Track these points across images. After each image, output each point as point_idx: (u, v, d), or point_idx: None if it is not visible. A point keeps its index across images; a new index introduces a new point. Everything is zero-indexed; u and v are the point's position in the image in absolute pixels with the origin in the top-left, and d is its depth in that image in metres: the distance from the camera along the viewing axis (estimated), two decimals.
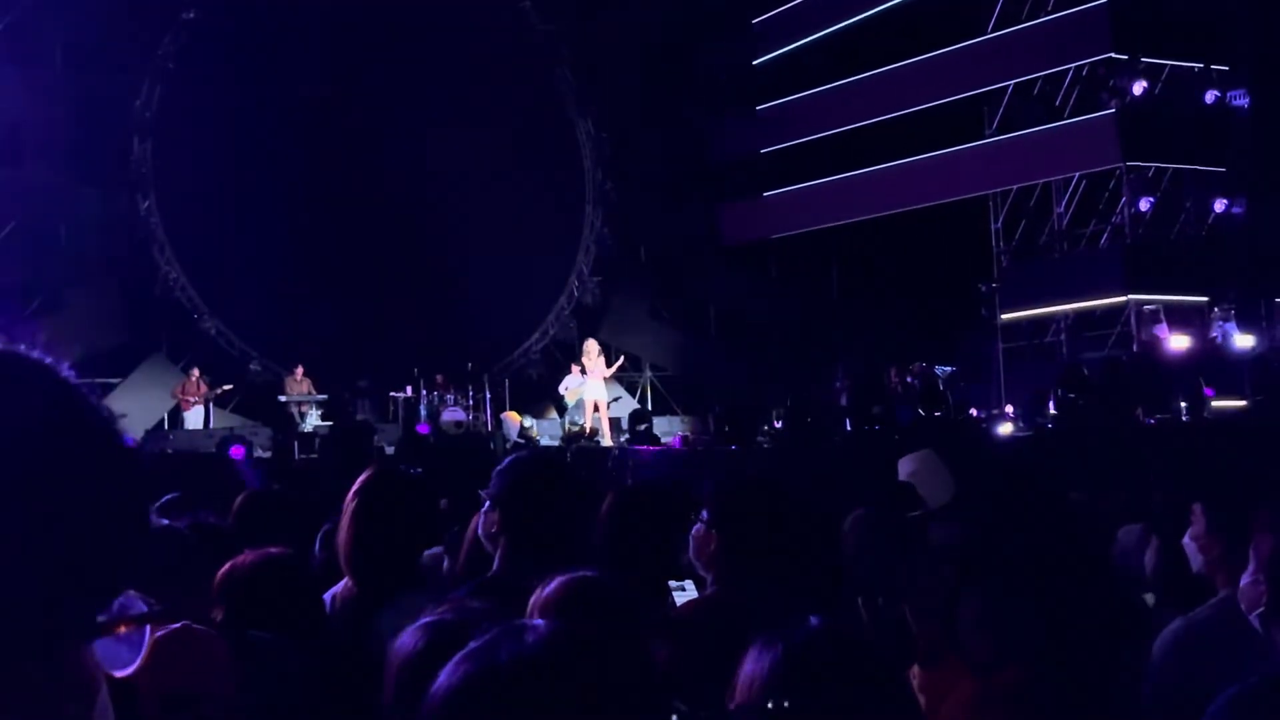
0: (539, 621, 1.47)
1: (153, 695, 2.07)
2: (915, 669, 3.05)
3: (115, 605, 0.92)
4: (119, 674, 0.94)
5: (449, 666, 1.37)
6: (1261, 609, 2.94)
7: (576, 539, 3.34)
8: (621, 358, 20.52)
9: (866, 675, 1.86)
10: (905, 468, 5.96)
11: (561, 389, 20.54)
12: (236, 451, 15.94)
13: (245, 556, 3.02)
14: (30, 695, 0.88)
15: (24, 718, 0.88)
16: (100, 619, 0.92)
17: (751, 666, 1.86)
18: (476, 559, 3.64)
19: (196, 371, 19.34)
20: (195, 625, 2.33)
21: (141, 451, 14.39)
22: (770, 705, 1.75)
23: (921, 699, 2.79)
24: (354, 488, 3.53)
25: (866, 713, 1.81)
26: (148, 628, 0.95)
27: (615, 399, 20.78)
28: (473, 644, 1.39)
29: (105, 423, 0.97)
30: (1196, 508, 3.74)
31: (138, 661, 0.94)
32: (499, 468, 3.39)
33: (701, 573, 3.41)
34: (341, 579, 3.53)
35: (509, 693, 1.32)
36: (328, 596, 3.45)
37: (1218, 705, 2.44)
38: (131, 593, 0.94)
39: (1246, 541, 3.27)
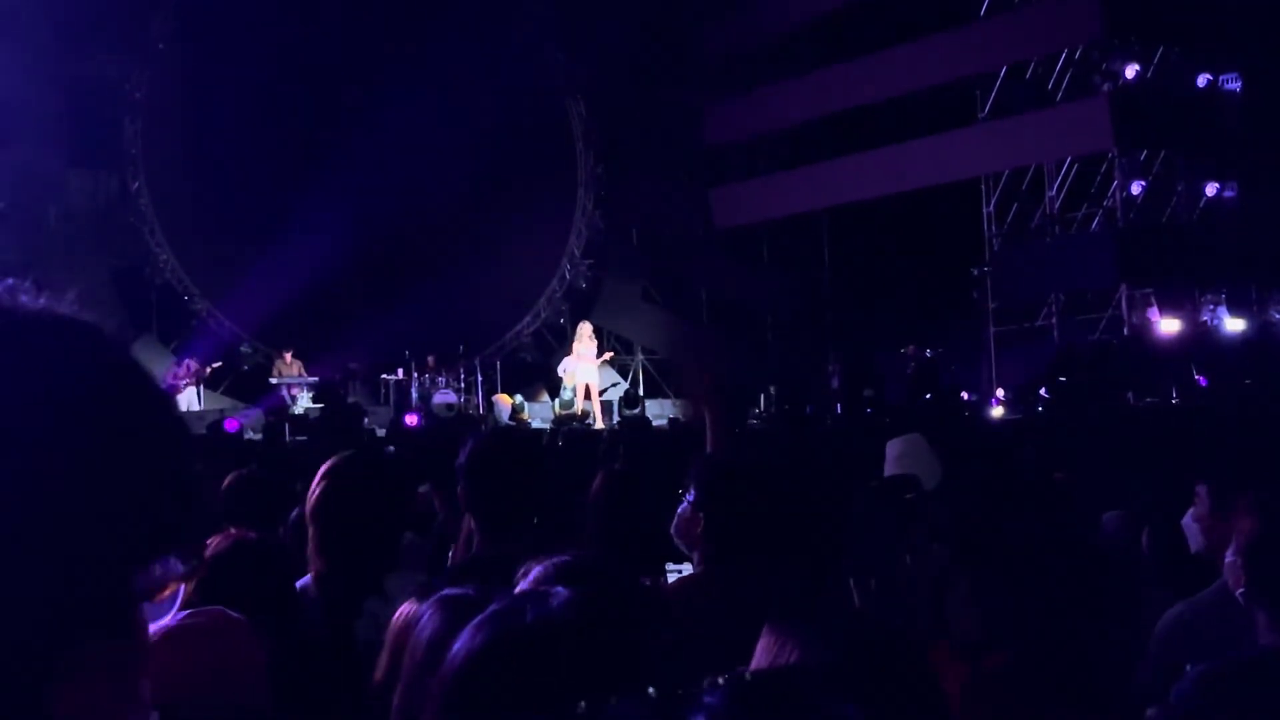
0: (559, 587, 1.47)
1: (186, 678, 2.08)
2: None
3: (158, 566, 0.93)
4: (155, 627, 0.95)
5: (467, 631, 1.36)
6: (1243, 589, 2.96)
7: (554, 517, 3.34)
8: (610, 354, 20.50)
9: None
10: (893, 451, 5.97)
11: (560, 371, 20.56)
12: (231, 424, 15.99)
13: (215, 541, 3.00)
14: (126, 666, 0.90)
15: (125, 689, 0.90)
16: (149, 581, 0.93)
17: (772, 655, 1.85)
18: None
19: (190, 362, 19.25)
20: (229, 612, 2.34)
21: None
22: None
23: None
24: (320, 474, 3.48)
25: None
26: (182, 585, 0.96)
27: (613, 384, 20.81)
28: (492, 608, 1.39)
29: (159, 383, 0.98)
30: (1201, 489, 3.75)
31: (171, 615, 0.96)
32: (466, 447, 3.37)
33: (685, 551, 3.43)
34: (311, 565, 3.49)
35: (536, 654, 1.32)
36: (301, 584, 3.40)
37: (1186, 682, 2.45)
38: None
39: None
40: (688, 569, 3.55)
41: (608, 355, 20.32)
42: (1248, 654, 2.62)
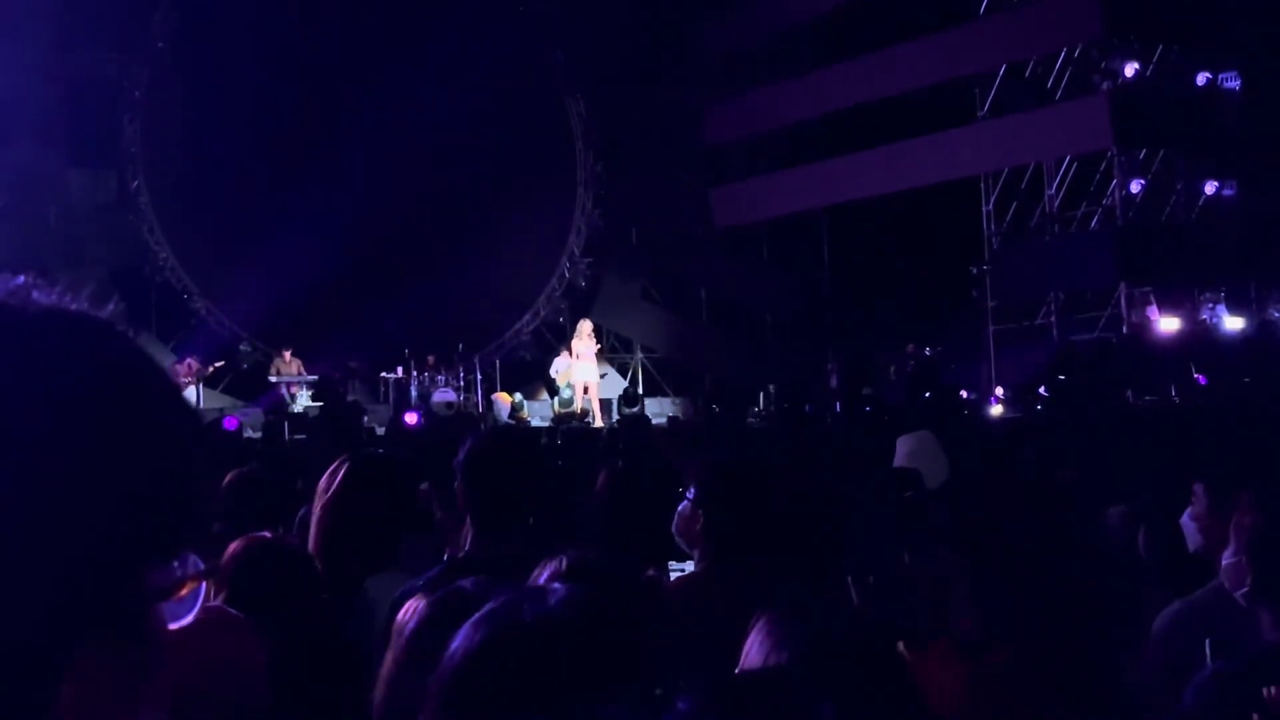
0: (557, 585, 1.47)
1: (187, 678, 2.08)
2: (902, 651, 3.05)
3: (177, 564, 0.93)
4: (175, 626, 0.95)
5: (466, 629, 1.36)
6: (1245, 588, 2.95)
7: (552, 516, 3.34)
8: (598, 347, 20.49)
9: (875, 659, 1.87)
10: (903, 447, 5.98)
11: (552, 372, 20.58)
12: (230, 423, 15.99)
13: (246, 540, 3.00)
14: (132, 666, 0.90)
15: (130, 689, 0.90)
16: (167, 580, 0.92)
17: (758, 652, 1.86)
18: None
19: (191, 361, 19.23)
20: (228, 609, 2.34)
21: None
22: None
23: None
24: (328, 474, 3.51)
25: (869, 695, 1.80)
26: (203, 584, 0.96)
27: (602, 375, 20.74)
28: (489, 606, 1.38)
29: (170, 380, 0.98)
30: (1198, 488, 3.75)
31: (193, 614, 0.96)
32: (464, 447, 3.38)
33: (685, 549, 3.44)
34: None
35: (535, 652, 1.31)
36: None
37: (1197, 683, 2.45)
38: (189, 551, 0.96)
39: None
40: (690, 567, 3.55)
41: (596, 347, 20.28)
42: (1255, 652, 2.62)
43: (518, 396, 20.76)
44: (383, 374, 20.61)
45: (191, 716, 2.07)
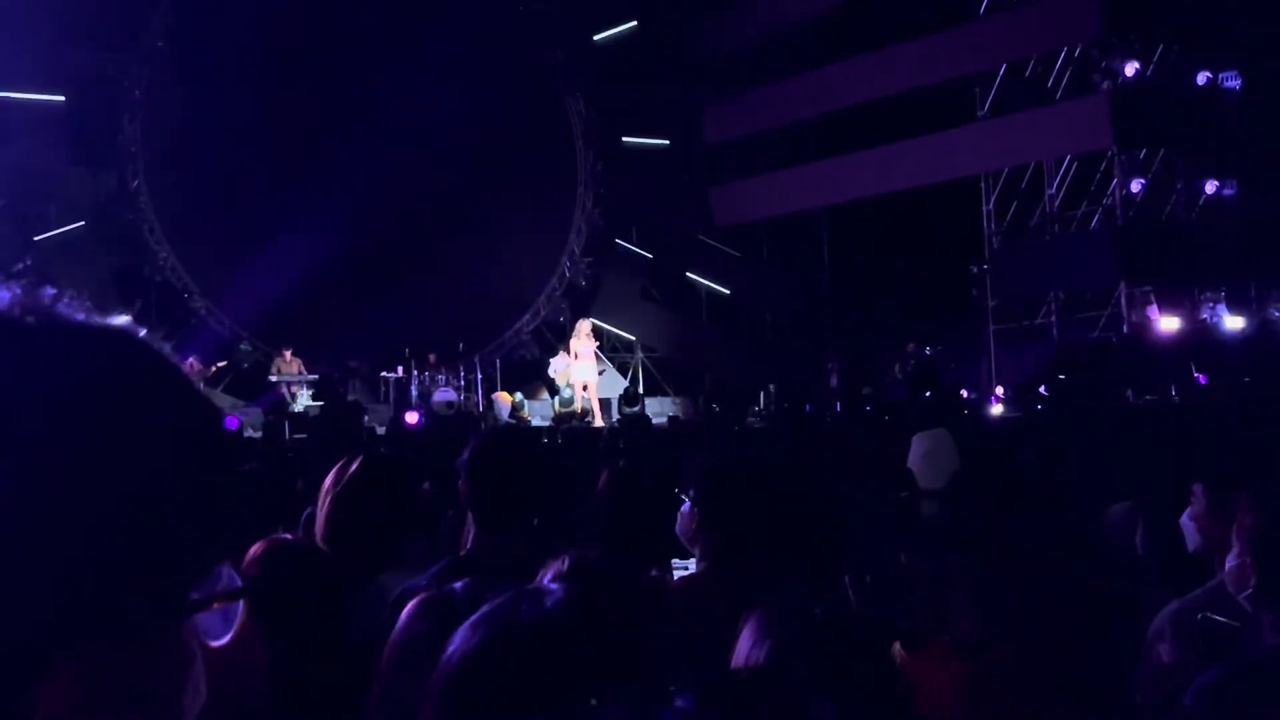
0: (554, 585, 1.46)
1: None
2: (899, 651, 3.05)
3: (212, 580, 0.93)
4: (214, 644, 0.95)
5: (464, 630, 1.35)
6: (1249, 591, 2.94)
7: (553, 516, 3.34)
8: (595, 344, 20.48)
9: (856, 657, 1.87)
10: (918, 447, 5.99)
11: (550, 372, 20.58)
12: (230, 422, 15.97)
13: (267, 543, 2.99)
14: (137, 671, 0.90)
15: (131, 695, 0.90)
16: (201, 594, 0.93)
17: (748, 650, 1.86)
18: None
19: (193, 361, 19.21)
20: None
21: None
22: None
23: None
24: (337, 468, 3.52)
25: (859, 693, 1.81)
26: (241, 600, 0.96)
27: (600, 371, 20.75)
28: (487, 608, 1.38)
29: (197, 391, 0.98)
30: (1198, 488, 3.75)
31: (232, 632, 0.96)
32: (469, 446, 3.38)
33: (689, 549, 3.44)
34: None
35: (535, 651, 1.31)
36: None
37: (1197, 685, 2.45)
38: (226, 566, 0.95)
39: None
40: (694, 566, 3.56)
41: (594, 345, 20.26)
42: (1259, 655, 2.61)
43: (518, 396, 20.76)
44: (383, 374, 20.62)
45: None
